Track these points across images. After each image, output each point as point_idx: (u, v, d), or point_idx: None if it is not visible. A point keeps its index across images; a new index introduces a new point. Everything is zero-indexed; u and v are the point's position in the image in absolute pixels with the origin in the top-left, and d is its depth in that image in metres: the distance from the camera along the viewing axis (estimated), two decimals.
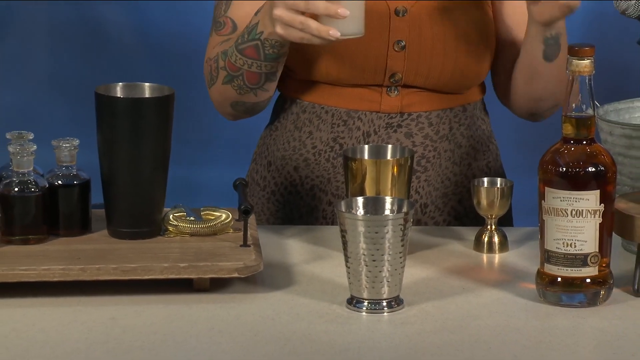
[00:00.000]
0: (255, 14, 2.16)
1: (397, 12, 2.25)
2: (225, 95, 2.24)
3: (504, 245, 2.16)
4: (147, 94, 2.08)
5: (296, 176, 2.32)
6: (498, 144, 2.41)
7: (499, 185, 2.15)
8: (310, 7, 2.03)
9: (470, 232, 2.24)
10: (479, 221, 2.20)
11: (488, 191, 2.14)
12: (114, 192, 2.06)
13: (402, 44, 2.25)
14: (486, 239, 2.16)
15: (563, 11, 2.12)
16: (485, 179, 2.16)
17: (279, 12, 2.06)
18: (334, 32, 2.03)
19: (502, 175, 2.36)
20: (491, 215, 2.15)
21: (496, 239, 2.16)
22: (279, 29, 2.08)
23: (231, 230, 2.08)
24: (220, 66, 2.22)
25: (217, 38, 2.26)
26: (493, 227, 2.16)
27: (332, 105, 2.30)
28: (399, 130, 2.28)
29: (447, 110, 2.31)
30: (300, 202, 2.33)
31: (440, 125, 2.30)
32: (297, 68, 2.29)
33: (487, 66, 2.31)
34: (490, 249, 2.16)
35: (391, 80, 2.27)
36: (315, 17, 2.04)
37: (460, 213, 2.35)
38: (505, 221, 2.30)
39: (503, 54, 2.34)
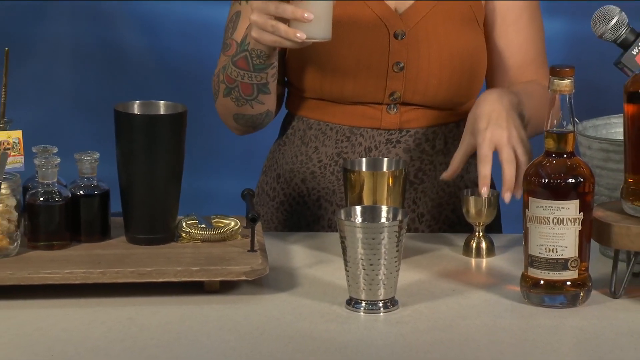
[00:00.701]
0: (249, 27, 2.15)
1: (396, 36, 2.24)
2: (227, 108, 2.23)
3: (490, 251, 2.14)
4: (162, 111, 2.07)
5: (303, 188, 2.31)
6: None
7: (485, 195, 2.12)
8: (279, 10, 2.03)
9: (459, 239, 2.22)
10: (470, 229, 2.18)
11: (476, 201, 2.12)
12: (132, 201, 2.05)
13: (401, 65, 2.24)
14: (474, 245, 2.15)
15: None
16: (472, 194, 2.13)
17: (254, 16, 2.06)
18: (300, 35, 2.02)
19: (492, 186, 2.33)
20: (479, 223, 2.13)
21: (483, 245, 2.14)
22: (254, 33, 2.08)
23: (239, 237, 2.08)
24: (220, 80, 2.21)
25: (223, 58, 2.26)
26: (481, 233, 2.15)
27: (336, 123, 2.29)
28: (397, 145, 2.27)
29: (442, 126, 2.30)
30: (307, 212, 2.32)
31: (436, 140, 2.29)
32: (304, 86, 2.28)
33: (479, 85, 2.31)
34: (478, 254, 2.14)
35: (390, 98, 2.26)
36: (287, 22, 2.04)
37: (454, 221, 2.34)
38: (494, 228, 2.29)
39: (494, 75, 2.34)
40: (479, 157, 2.08)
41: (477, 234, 2.15)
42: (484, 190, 2.08)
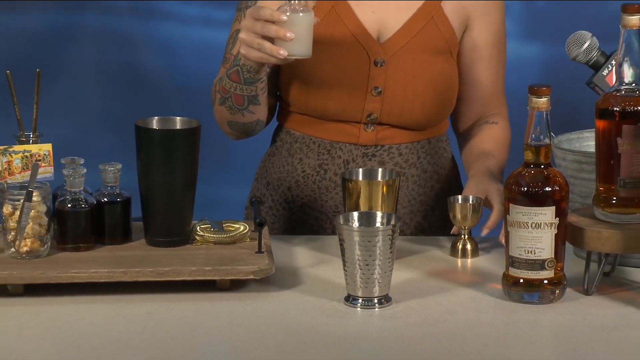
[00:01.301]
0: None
1: (376, 63, 2.23)
2: (222, 115, 2.23)
3: (475, 252, 2.14)
4: (178, 126, 2.07)
5: (289, 195, 2.31)
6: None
7: (470, 202, 2.12)
8: (264, 30, 2.03)
9: (446, 241, 2.22)
10: (437, 233, 2.19)
11: (462, 206, 2.12)
12: (151, 207, 2.05)
13: (379, 89, 2.23)
14: (460, 246, 2.14)
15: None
16: (460, 197, 2.14)
17: (242, 35, 2.06)
18: (283, 52, 2.03)
19: (458, 192, 2.34)
20: (464, 227, 2.13)
21: (469, 247, 2.14)
22: (242, 50, 2.08)
23: (248, 240, 2.07)
24: (217, 90, 2.21)
25: (222, 70, 2.26)
26: (466, 236, 2.14)
27: (318, 137, 2.28)
28: (373, 159, 2.27)
29: (415, 142, 2.29)
30: (292, 216, 2.32)
31: (409, 155, 2.29)
32: (291, 101, 2.27)
33: (450, 110, 2.31)
34: (464, 254, 2.14)
35: (368, 118, 2.25)
36: (272, 40, 2.04)
37: (425, 227, 2.33)
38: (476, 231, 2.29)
39: (464, 103, 2.34)
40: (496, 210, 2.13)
41: (462, 236, 2.14)
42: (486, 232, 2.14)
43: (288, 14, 2.03)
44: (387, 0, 2.23)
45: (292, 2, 2.03)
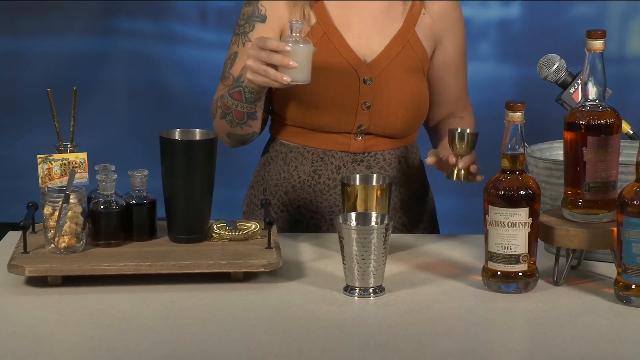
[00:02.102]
0: (244, 66, 2.15)
1: (365, 81, 2.23)
2: (221, 127, 2.22)
3: (473, 175, 2.10)
4: (197, 137, 2.07)
5: (286, 198, 2.30)
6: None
7: (468, 131, 2.09)
8: (270, 58, 2.03)
9: (433, 239, 2.21)
10: (419, 228, 2.19)
11: (460, 135, 2.09)
12: (173, 209, 2.04)
13: (368, 104, 2.24)
14: (457, 170, 2.10)
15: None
16: (459, 128, 2.11)
17: (250, 62, 2.06)
18: (286, 78, 2.03)
19: (427, 189, 2.38)
20: (461, 155, 2.09)
21: (463, 171, 2.10)
22: (249, 75, 2.07)
23: (259, 237, 2.07)
24: (218, 105, 2.20)
25: (221, 86, 2.25)
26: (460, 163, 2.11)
27: (312, 146, 2.27)
28: (362, 164, 2.27)
29: (395, 149, 2.31)
30: (290, 217, 2.31)
31: (391, 159, 2.30)
32: (287, 116, 2.26)
33: (423, 120, 2.33)
34: (465, 177, 2.10)
35: (358, 129, 2.26)
36: (275, 67, 2.04)
37: (405, 221, 2.33)
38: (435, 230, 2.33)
39: (436, 108, 2.37)
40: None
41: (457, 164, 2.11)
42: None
43: (290, 44, 2.02)
44: (370, 26, 2.23)
45: (294, 34, 2.03)
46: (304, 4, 2.21)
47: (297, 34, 2.03)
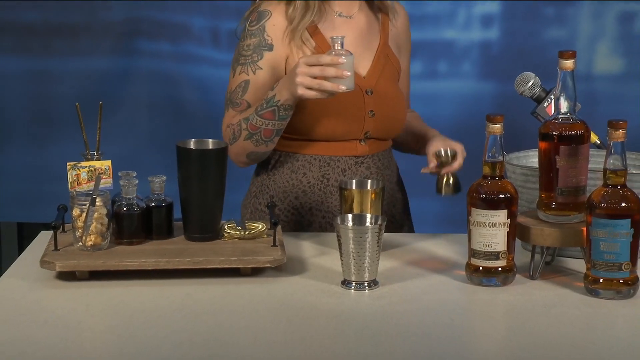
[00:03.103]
0: (272, 89, 2.13)
1: (367, 92, 2.23)
2: (244, 148, 2.19)
3: (457, 185, 2.13)
4: (210, 146, 2.06)
5: (297, 202, 2.28)
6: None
7: (449, 152, 2.15)
8: (324, 72, 2.02)
9: (421, 238, 2.20)
10: (410, 220, 2.20)
11: (445, 154, 2.14)
12: (188, 210, 2.03)
13: (373, 112, 2.23)
14: (445, 181, 2.13)
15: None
16: (442, 149, 2.16)
17: (300, 79, 2.04)
18: (342, 87, 2.02)
19: (403, 185, 2.40)
20: (444, 164, 2.15)
21: (451, 180, 2.14)
22: (300, 91, 2.05)
23: (265, 236, 2.06)
24: (242, 128, 2.17)
25: (232, 112, 2.21)
26: (448, 174, 2.15)
27: (321, 154, 2.26)
28: (362, 165, 2.27)
29: (386, 150, 2.32)
30: (302, 219, 2.29)
31: (384, 160, 2.31)
32: (300, 130, 2.22)
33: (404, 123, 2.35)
34: (449, 189, 2.14)
35: (364, 135, 2.25)
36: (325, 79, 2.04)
37: (394, 212, 2.33)
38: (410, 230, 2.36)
39: None
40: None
41: (446, 175, 2.15)
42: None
43: (344, 57, 2.00)
44: (359, 45, 2.24)
45: (338, 49, 2.01)
46: (302, 31, 2.20)
47: (340, 47, 2.01)
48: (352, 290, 1.89)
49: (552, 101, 2.19)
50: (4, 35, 3.10)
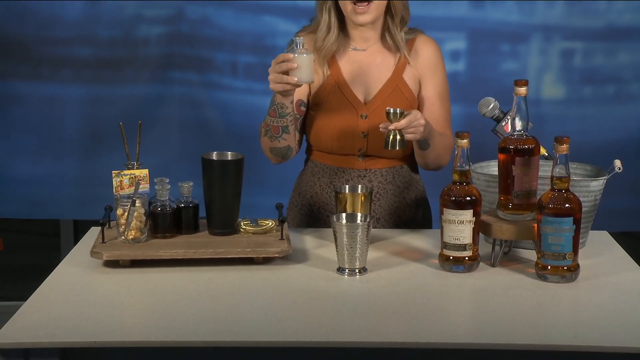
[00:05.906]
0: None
1: (362, 116, 2.20)
2: (266, 144, 2.17)
3: (402, 142, 1.99)
4: (229, 158, 2.03)
5: (312, 201, 2.26)
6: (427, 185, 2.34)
7: (399, 111, 1.98)
8: (280, 67, 1.97)
9: (402, 233, 2.18)
10: (412, 225, 2.15)
11: (394, 113, 1.98)
12: (211, 210, 2.01)
13: (365, 133, 2.19)
14: (392, 137, 1.98)
15: (416, 133, 2.03)
16: (392, 109, 1.98)
17: (270, 76, 2.01)
18: (294, 78, 1.97)
19: (426, 203, 2.28)
20: (392, 122, 1.98)
21: (398, 137, 2.00)
22: (271, 86, 2.02)
23: (275, 231, 2.03)
24: (262, 126, 2.17)
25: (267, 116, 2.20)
26: (395, 131, 1.99)
27: (329, 164, 2.23)
28: (365, 179, 2.23)
29: (391, 168, 2.24)
30: (312, 215, 2.27)
31: (387, 176, 2.24)
32: (313, 143, 2.23)
33: (409, 149, 2.22)
34: (394, 144, 1.98)
35: (359, 152, 2.21)
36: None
37: (398, 223, 2.27)
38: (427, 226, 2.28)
39: None
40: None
41: (393, 131, 1.98)
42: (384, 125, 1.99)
43: (295, 54, 1.97)
44: (369, 76, 2.20)
45: (298, 48, 1.98)
46: (325, 55, 2.17)
47: (299, 47, 1.98)
48: (346, 276, 1.87)
49: (509, 121, 2.17)
50: (64, 67, 3.10)
